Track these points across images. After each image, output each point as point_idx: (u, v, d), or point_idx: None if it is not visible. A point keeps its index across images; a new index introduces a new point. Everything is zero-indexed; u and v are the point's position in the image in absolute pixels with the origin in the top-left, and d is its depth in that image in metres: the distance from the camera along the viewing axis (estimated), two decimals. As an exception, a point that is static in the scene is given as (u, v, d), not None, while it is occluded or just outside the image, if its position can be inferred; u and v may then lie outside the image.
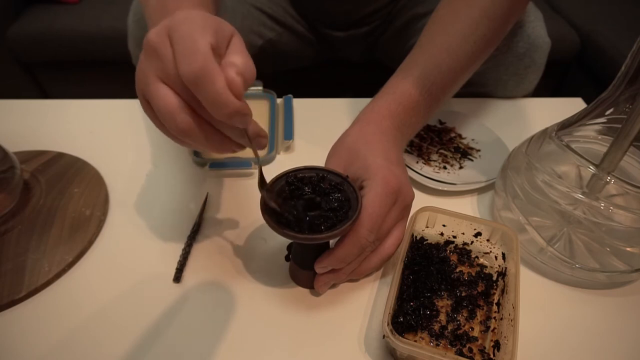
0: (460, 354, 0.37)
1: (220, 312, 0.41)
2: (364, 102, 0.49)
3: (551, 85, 1.47)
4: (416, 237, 0.46)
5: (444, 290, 0.42)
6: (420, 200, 0.52)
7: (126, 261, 0.46)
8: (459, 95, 0.55)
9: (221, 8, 0.69)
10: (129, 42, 0.72)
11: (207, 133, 0.33)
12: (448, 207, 0.45)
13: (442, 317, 0.40)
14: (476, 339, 0.38)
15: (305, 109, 0.68)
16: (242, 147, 0.36)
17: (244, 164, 0.56)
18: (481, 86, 0.69)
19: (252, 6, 0.74)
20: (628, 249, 0.42)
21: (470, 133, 0.63)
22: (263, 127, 0.62)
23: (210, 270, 0.45)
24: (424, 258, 0.44)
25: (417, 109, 0.47)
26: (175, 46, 0.30)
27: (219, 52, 0.31)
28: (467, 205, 0.54)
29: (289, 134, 0.60)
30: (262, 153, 0.59)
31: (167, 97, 0.31)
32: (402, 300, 0.40)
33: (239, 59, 0.31)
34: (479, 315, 0.40)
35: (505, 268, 0.43)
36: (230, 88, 0.29)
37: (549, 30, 0.67)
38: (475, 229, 0.45)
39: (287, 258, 0.46)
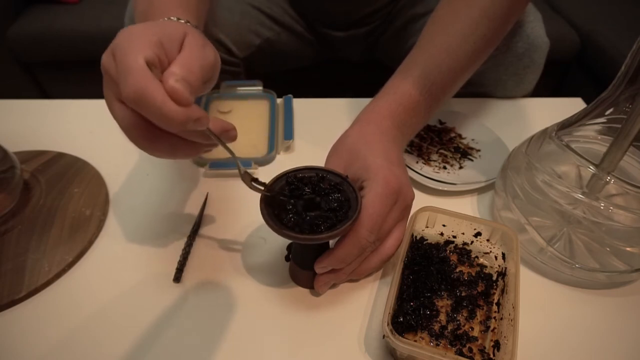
0: (460, 354, 0.37)
1: (220, 312, 0.41)
2: (364, 102, 0.49)
3: (551, 85, 1.47)
4: (416, 237, 0.46)
5: (444, 290, 0.42)
6: (420, 200, 0.52)
7: (126, 261, 0.46)
8: (458, 95, 0.55)
9: (217, 7, 0.69)
10: None
11: (172, 143, 0.33)
12: (448, 207, 0.45)
13: (442, 317, 0.40)
14: (476, 339, 0.38)
15: (305, 109, 0.68)
16: (213, 145, 0.35)
17: (244, 163, 0.56)
18: (480, 86, 0.69)
19: (250, 5, 0.74)
20: (628, 249, 0.42)
21: (470, 133, 0.63)
22: (263, 127, 0.62)
23: (210, 270, 0.45)
24: (424, 258, 0.44)
25: (417, 109, 0.47)
26: (116, 69, 0.30)
27: (168, 58, 0.31)
28: (467, 205, 0.54)
29: (289, 134, 0.60)
30: (261, 153, 0.59)
31: (121, 117, 0.32)
32: (402, 300, 0.40)
33: (178, 65, 0.31)
34: (479, 315, 0.40)
35: (505, 268, 0.43)
36: (173, 97, 0.28)
37: (548, 30, 0.67)
38: (475, 229, 0.45)
39: (287, 258, 0.46)
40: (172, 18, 0.39)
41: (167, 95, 0.28)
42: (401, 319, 0.39)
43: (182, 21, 0.39)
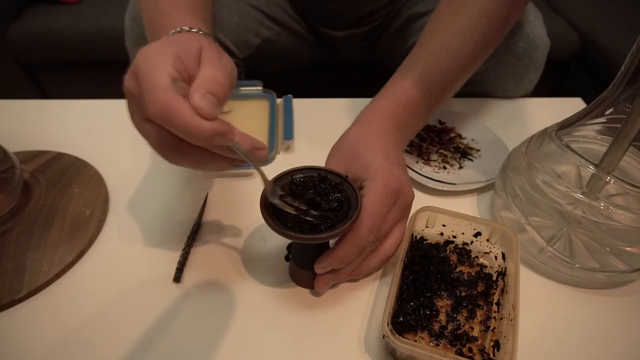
0: (460, 353, 0.37)
1: (220, 312, 0.41)
2: (364, 102, 0.49)
3: (551, 85, 1.47)
4: (416, 237, 0.46)
5: (444, 290, 0.42)
6: (420, 200, 0.52)
7: (126, 261, 0.46)
8: (458, 95, 0.55)
9: (217, 7, 0.69)
10: (126, 41, 0.72)
11: (200, 156, 0.34)
12: (448, 207, 0.45)
13: (442, 317, 0.40)
14: (476, 338, 0.38)
15: (305, 109, 0.68)
16: (243, 161, 0.36)
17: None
18: (480, 86, 0.69)
19: (250, 5, 0.74)
20: (628, 248, 0.42)
21: (470, 133, 0.63)
22: (263, 127, 0.62)
23: (210, 270, 0.45)
24: (424, 258, 0.44)
25: (417, 109, 0.47)
26: (140, 88, 0.31)
27: (188, 73, 0.32)
28: (467, 205, 0.54)
29: (289, 134, 0.60)
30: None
31: (148, 134, 0.33)
32: (402, 300, 0.40)
33: (203, 81, 0.31)
34: (479, 315, 0.40)
35: (505, 268, 0.43)
36: (199, 113, 0.29)
37: (548, 30, 0.67)
38: (475, 229, 0.45)
39: (287, 258, 0.46)
40: (184, 28, 0.39)
41: (192, 110, 0.29)
42: (401, 319, 0.39)
43: (194, 30, 0.39)
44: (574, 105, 0.71)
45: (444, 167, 0.58)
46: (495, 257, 0.44)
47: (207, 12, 0.50)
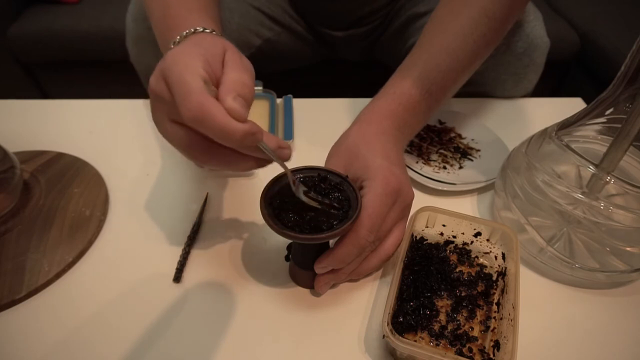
0: (460, 353, 0.37)
1: (220, 312, 0.41)
2: (364, 102, 0.49)
3: (551, 85, 1.47)
4: (416, 237, 0.46)
5: (444, 290, 0.42)
6: (420, 200, 0.52)
7: (126, 261, 0.46)
8: (458, 95, 0.55)
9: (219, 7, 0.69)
10: (127, 41, 0.72)
11: (227, 156, 0.34)
12: (448, 207, 0.45)
13: (442, 317, 0.40)
14: (476, 338, 0.38)
15: (305, 109, 0.68)
16: (268, 161, 0.36)
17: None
18: (480, 85, 0.69)
19: (251, 5, 0.74)
20: (628, 248, 0.42)
21: (470, 133, 0.63)
22: (263, 127, 0.62)
23: (210, 270, 0.45)
24: (424, 258, 0.44)
25: (417, 108, 0.47)
26: (171, 91, 0.31)
27: (215, 76, 0.32)
28: (467, 205, 0.54)
29: (289, 134, 0.60)
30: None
31: (177, 136, 0.33)
32: (402, 300, 0.40)
33: (233, 83, 0.32)
34: (479, 315, 0.40)
35: (505, 268, 0.43)
36: (232, 115, 0.29)
37: (548, 30, 0.67)
38: (475, 229, 0.45)
39: (287, 258, 0.46)
40: (198, 29, 0.39)
41: (226, 113, 0.29)
42: (401, 319, 0.39)
43: (208, 31, 0.40)
44: (574, 105, 0.71)
45: (444, 167, 0.58)
46: (495, 257, 0.44)
47: (216, 11, 0.50)
